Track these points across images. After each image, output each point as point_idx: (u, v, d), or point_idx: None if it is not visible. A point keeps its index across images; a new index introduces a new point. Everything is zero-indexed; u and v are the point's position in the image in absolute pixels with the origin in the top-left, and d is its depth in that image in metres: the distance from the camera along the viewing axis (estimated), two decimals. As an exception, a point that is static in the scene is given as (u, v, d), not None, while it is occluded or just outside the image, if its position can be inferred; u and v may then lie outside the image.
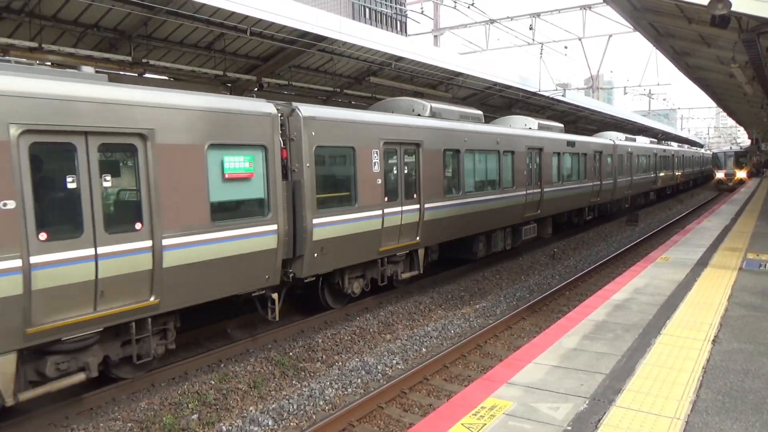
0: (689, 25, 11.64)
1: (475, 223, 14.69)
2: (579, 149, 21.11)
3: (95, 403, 7.57)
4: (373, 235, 11.08)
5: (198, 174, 7.82)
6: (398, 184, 11.81)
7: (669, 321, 6.93)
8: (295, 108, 9.44)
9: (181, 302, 7.74)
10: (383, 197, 11.29)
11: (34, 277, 6.15)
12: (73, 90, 6.52)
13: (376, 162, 11.10)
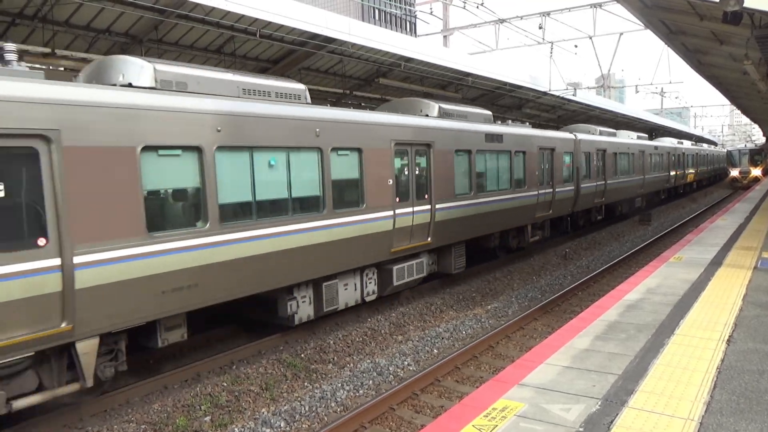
0: (701, 22, 11.53)
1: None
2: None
3: (109, 405, 7.63)
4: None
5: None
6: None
7: (682, 321, 6.87)
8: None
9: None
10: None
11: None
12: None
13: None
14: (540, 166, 17.31)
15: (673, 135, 53.08)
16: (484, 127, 14.58)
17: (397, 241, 11.41)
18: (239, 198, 8.29)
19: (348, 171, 10.30)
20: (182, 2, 10.89)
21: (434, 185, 12.38)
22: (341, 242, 10.03)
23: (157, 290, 7.20)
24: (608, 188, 23.16)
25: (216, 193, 7.86)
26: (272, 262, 8.70)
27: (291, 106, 9.17)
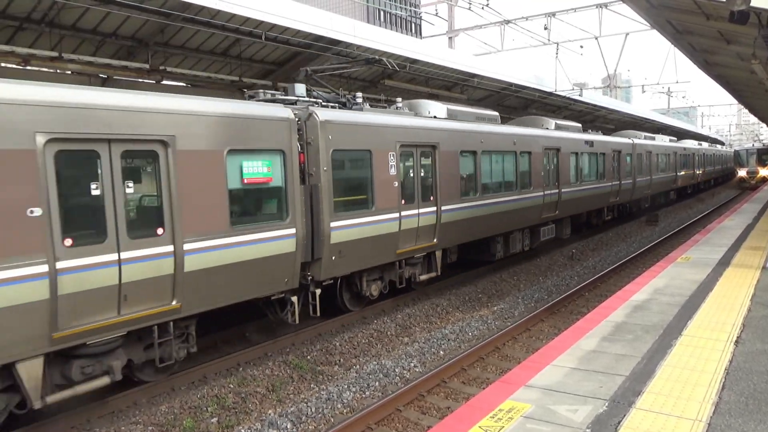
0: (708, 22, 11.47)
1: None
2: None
3: (116, 406, 7.66)
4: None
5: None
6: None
7: (690, 322, 6.83)
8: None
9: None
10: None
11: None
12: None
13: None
14: (612, 164, 22.62)
15: (681, 135, 52.95)
16: (587, 136, 20.61)
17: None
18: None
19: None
20: (188, 6, 10.93)
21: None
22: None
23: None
24: (653, 182, 28.43)
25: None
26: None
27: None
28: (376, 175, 10.65)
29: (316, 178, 9.51)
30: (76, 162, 6.56)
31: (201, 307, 7.83)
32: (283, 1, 12.03)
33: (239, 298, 8.37)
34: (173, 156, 7.33)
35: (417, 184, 11.81)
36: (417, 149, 11.83)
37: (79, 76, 11.99)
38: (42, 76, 11.27)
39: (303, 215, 9.23)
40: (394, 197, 11.09)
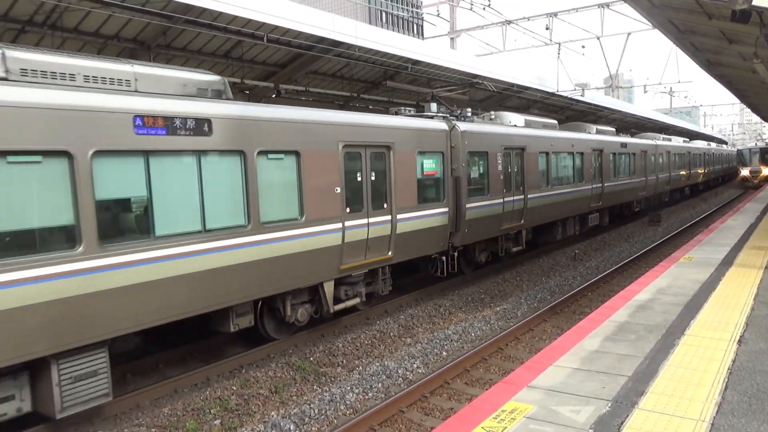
0: (710, 21, 11.45)
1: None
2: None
3: (119, 409, 7.67)
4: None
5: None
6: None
7: (693, 321, 6.82)
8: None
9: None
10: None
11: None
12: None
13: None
14: (641, 162, 26.37)
15: (683, 135, 52.97)
16: (621, 139, 23.84)
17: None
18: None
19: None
20: (190, 8, 10.96)
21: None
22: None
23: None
24: (672, 178, 32.18)
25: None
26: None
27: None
28: (490, 170, 14.09)
29: (457, 172, 13.10)
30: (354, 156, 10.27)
31: (402, 258, 11.43)
32: (285, 3, 12.05)
33: (419, 254, 12.10)
34: (393, 155, 11.09)
35: (513, 176, 15.19)
36: (513, 151, 15.24)
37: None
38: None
39: (451, 198, 12.92)
40: (500, 186, 14.54)
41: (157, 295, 7.22)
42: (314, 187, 9.36)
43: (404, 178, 11.43)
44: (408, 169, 11.57)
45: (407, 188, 11.52)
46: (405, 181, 11.45)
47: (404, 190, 11.44)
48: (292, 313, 9.57)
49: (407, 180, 11.51)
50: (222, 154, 8.04)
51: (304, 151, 9.16)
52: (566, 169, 18.58)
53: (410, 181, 11.60)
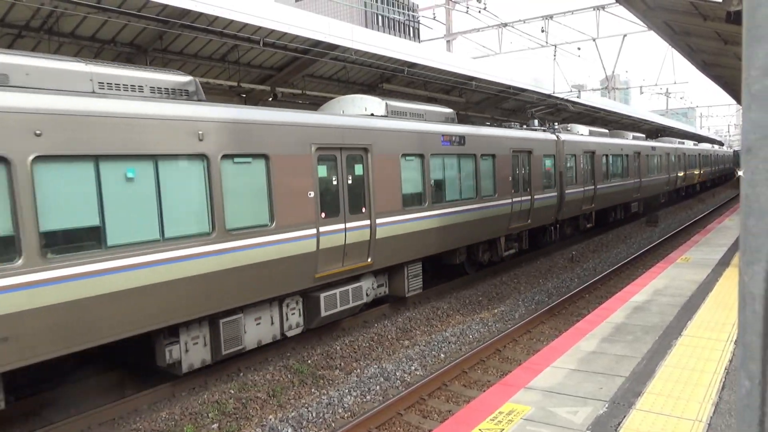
0: (705, 23, 11.50)
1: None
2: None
3: (117, 413, 7.65)
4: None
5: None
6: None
7: (690, 322, 6.83)
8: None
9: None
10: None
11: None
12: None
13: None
14: (666, 162, 31.69)
15: (679, 136, 53.28)
16: (651, 143, 29.43)
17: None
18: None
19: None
20: (186, 12, 10.97)
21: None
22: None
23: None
24: (687, 176, 37.71)
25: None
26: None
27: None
28: (576, 167, 19.39)
29: (560, 168, 18.35)
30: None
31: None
32: (281, 7, 12.06)
33: (542, 223, 17.32)
34: (531, 156, 16.40)
35: (588, 172, 20.65)
36: (588, 154, 20.57)
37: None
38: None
39: (558, 186, 18.10)
40: (582, 180, 19.90)
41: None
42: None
43: (540, 171, 17.02)
44: (542, 165, 17.30)
45: (543, 177, 17.21)
46: (541, 173, 17.03)
47: (539, 178, 16.87)
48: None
49: (545, 172, 17.38)
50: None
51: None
52: (617, 167, 23.90)
53: (546, 172, 17.54)
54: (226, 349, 8.36)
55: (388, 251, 11.13)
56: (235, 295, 8.25)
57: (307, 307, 9.90)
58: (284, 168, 8.97)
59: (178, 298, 7.46)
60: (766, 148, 1.16)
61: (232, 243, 8.17)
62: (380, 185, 10.85)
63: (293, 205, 9.11)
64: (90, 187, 6.68)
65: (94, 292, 6.57)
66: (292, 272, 9.16)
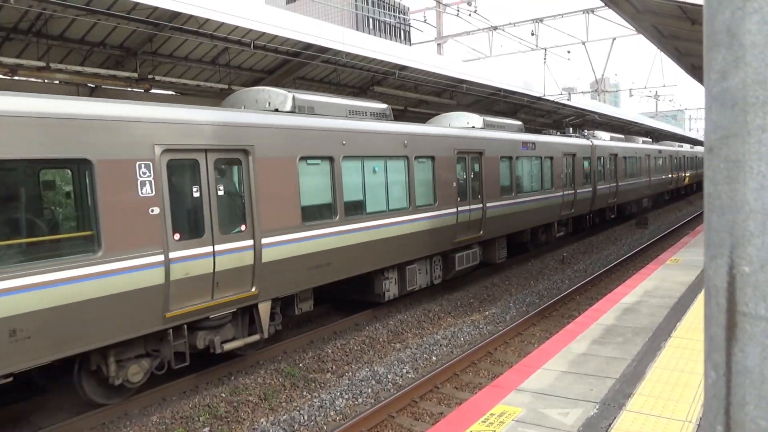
0: (693, 27, 11.60)
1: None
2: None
3: (107, 417, 7.60)
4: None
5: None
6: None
7: (679, 323, 6.88)
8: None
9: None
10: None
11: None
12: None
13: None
14: (669, 163, 36.11)
15: (673, 138, 54.11)
16: (658, 146, 33.54)
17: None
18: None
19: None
20: (176, 15, 10.94)
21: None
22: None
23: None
24: (686, 176, 41.76)
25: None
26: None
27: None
28: (604, 168, 23.07)
29: (594, 167, 21.85)
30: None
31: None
32: (272, 10, 12.05)
33: (581, 213, 20.61)
34: (575, 158, 19.60)
35: (613, 171, 24.33)
36: (611, 156, 24.17)
37: (66, 86, 11.95)
38: (29, 87, 11.23)
39: (592, 183, 21.44)
40: (608, 178, 23.67)
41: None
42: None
43: (581, 170, 20.64)
44: (582, 165, 20.77)
45: (583, 175, 20.79)
46: (582, 172, 20.69)
47: (580, 176, 20.46)
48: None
49: (584, 171, 20.92)
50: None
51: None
52: (633, 168, 27.67)
53: (584, 171, 21.12)
54: (409, 287, 12.29)
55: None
56: (413, 251, 11.97)
57: (445, 264, 13.56)
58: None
59: (390, 249, 11.30)
60: (726, 147, 1.20)
61: (418, 215, 12.03)
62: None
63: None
64: (359, 175, 10.80)
65: (360, 240, 10.68)
66: (440, 238, 12.75)
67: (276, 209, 9.06)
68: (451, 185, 13.12)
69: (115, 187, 6.99)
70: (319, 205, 10.06)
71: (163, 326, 7.57)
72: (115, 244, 6.96)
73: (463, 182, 13.67)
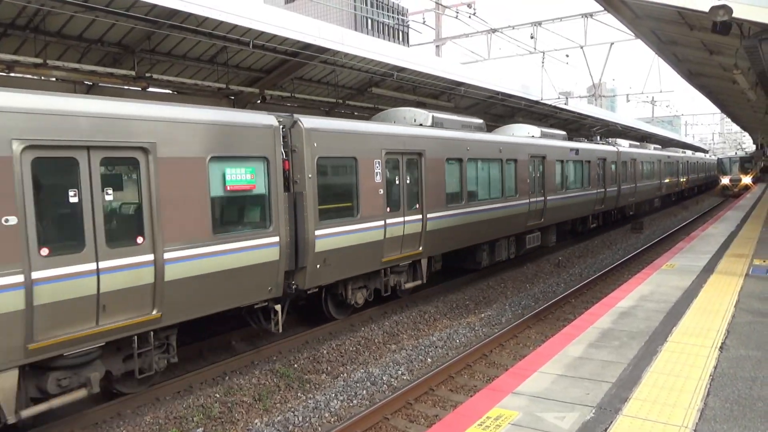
0: (691, 32, 11.63)
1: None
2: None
3: (100, 417, 7.56)
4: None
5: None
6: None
7: (675, 328, 6.88)
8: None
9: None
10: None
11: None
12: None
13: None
14: (676, 168, 40.12)
15: (669, 144, 54.41)
16: (667, 152, 37.00)
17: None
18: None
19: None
20: (175, 12, 10.89)
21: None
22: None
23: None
24: (688, 180, 45.32)
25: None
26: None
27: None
28: (626, 170, 26.61)
29: (619, 170, 25.47)
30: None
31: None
32: (271, 9, 12.02)
33: (609, 208, 24.16)
34: (605, 163, 24.14)
35: (632, 174, 27.73)
36: (633, 161, 27.63)
37: (63, 83, 11.89)
38: (26, 83, 11.17)
39: (617, 183, 25.19)
40: (629, 179, 27.34)
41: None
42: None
43: (610, 172, 24.12)
44: (611, 168, 24.24)
45: (610, 176, 24.21)
46: (610, 173, 24.29)
47: (609, 177, 23.83)
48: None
49: (611, 173, 24.52)
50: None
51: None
52: (650, 170, 31.62)
53: (612, 173, 24.58)
54: (496, 258, 16.08)
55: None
56: (502, 231, 15.78)
57: (518, 243, 17.28)
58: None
59: (485, 228, 14.90)
60: None
61: (509, 203, 15.89)
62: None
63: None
64: (477, 171, 14.73)
65: (463, 221, 13.84)
66: (517, 222, 16.52)
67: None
68: (525, 182, 16.81)
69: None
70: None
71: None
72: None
73: (532, 179, 17.33)
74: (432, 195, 12.59)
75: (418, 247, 12.19)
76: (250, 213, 8.75)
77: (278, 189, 8.97)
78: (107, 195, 6.89)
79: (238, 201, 8.56)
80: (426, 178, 12.35)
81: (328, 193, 9.98)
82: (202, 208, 7.86)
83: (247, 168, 8.61)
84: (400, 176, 11.72)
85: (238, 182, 8.49)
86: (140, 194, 7.22)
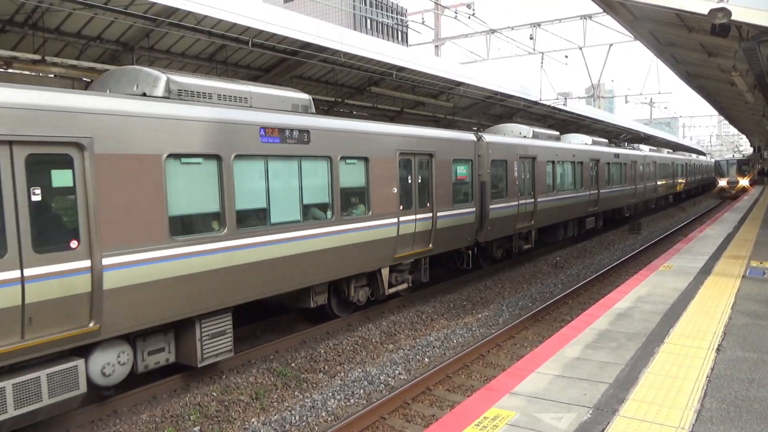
0: (690, 35, 11.65)
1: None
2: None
3: (96, 415, 7.54)
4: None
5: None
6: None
7: (672, 329, 6.89)
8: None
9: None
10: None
11: None
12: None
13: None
14: (685, 169, 45.02)
15: (668, 146, 54.68)
16: (678, 156, 43.20)
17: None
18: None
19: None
20: (174, 10, 10.88)
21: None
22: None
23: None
24: (687, 181, 47.16)
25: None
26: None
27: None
28: (647, 171, 31.25)
29: (644, 171, 30.99)
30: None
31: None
32: (270, 8, 12.02)
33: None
34: (635, 164, 29.49)
35: (653, 174, 32.38)
36: (655, 164, 33.01)
37: (62, 79, 11.87)
38: (24, 80, 11.15)
39: (644, 181, 30.87)
40: (651, 178, 32.06)
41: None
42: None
43: (639, 172, 29.34)
44: (638, 168, 29.14)
45: (639, 175, 29.27)
46: (639, 172, 29.19)
47: (639, 175, 29.17)
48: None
49: (639, 172, 29.42)
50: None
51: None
52: (667, 172, 36.85)
53: (638, 173, 29.67)
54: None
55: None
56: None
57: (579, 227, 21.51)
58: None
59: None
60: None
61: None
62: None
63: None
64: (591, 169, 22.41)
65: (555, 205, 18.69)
66: (579, 209, 21.18)
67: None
68: (588, 179, 22.14)
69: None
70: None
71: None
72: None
73: (590, 176, 22.44)
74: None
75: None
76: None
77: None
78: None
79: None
80: (543, 173, 18.43)
81: (496, 182, 15.64)
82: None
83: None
84: (520, 172, 16.93)
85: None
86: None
